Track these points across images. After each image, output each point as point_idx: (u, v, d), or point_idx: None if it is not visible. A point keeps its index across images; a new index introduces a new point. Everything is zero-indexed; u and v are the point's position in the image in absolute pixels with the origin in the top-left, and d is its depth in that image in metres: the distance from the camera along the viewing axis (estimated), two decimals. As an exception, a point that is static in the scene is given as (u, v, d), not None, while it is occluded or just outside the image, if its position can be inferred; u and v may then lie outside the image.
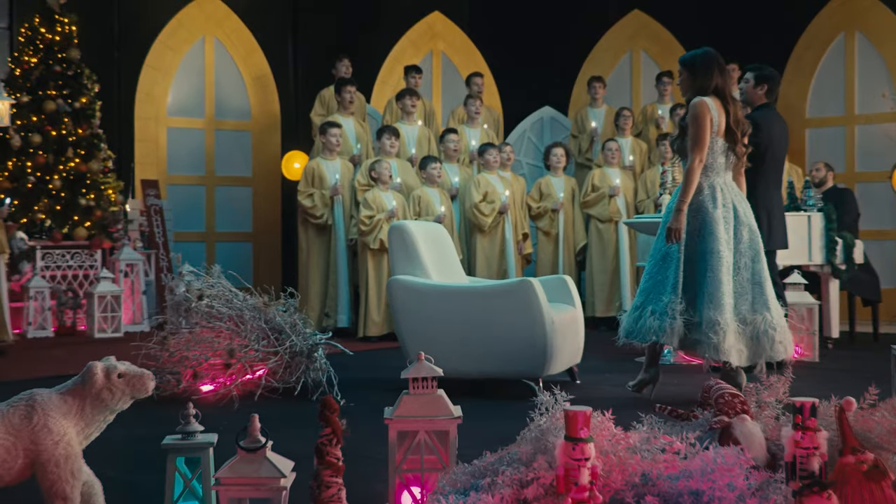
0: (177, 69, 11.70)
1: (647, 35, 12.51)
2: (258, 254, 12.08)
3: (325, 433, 2.60)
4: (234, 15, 12.00)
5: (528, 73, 12.77)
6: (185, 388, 5.83)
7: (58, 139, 10.28)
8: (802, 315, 7.66)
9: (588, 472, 2.53)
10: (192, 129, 11.81)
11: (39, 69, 10.35)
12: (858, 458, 2.75)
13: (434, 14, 12.66)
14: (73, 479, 3.07)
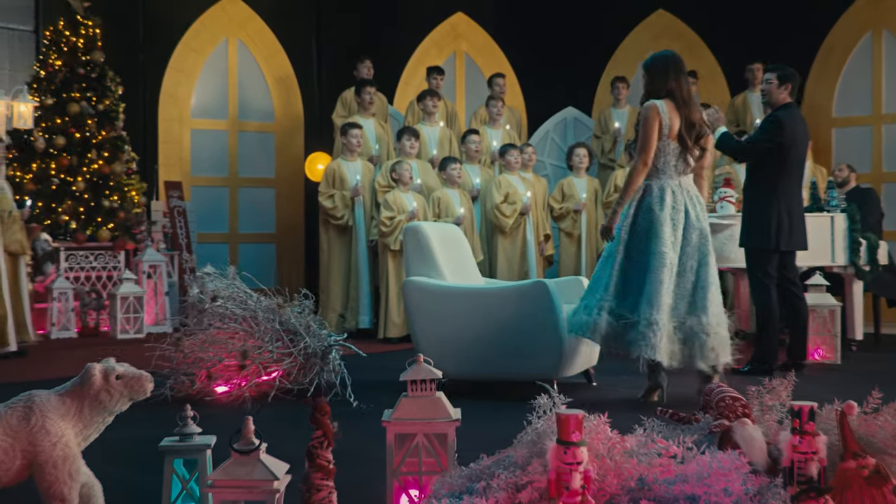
0: (200, 71, 11.76)
1: (671, 35, 12.42)
2: (281, 255, 12.11)
3: (317, 436, 2.58)
4: (258, 17, 12.04)
5: (552, 73, 12.72)
6: (200, 389, 5.85)
7: (82, 141, 10.36)
8: (824, 317, 7.58)
9: (580, 476, 2.50)
10: (215, 130, 11.86)
11: (64, 72, 10.44)
12: (860, 463, 2.70)
13: (457, 15, 12.64)
14: (71, 480, 3.07)
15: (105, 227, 10.29)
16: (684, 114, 5.63)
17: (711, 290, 5.55)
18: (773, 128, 6.98)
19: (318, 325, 6.17)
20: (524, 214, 9.89)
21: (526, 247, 9.96)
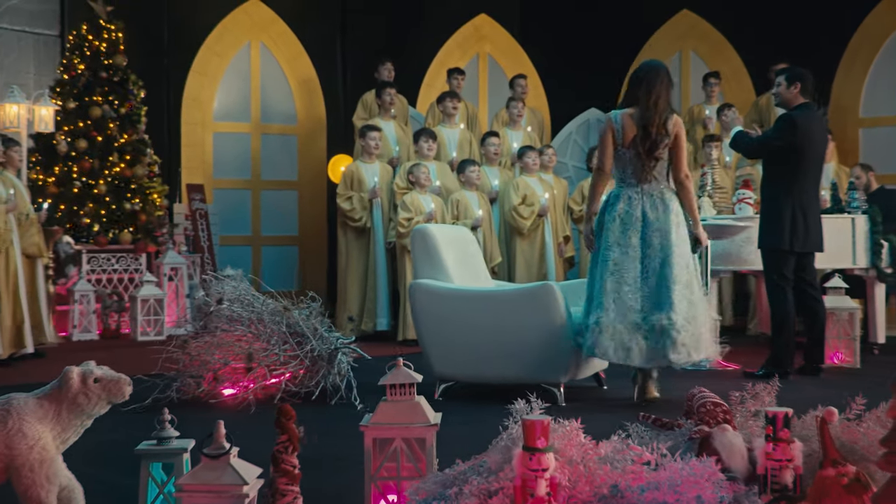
0: (223, 74, 11.80)
1: (696, 35, 12.31)
2: (304, 257, 12.12)
3: (282, 440, 2.56)
4: (280, 20, 12.06)
5: (575, 74, 12.63)
6: (206, 391, 5.85)
7: (103, 144, 10.42)
8: (844, 320, 7.46)
9: (546, 483, 2.46)
10: (237, 133, 11.89)
11: (86, 76, 10.51)
12: (839, 470, 2.64)
13: (480, 16, 12.59)
14: (49, 483, 3.07)
15: (127, 230, 10.35)
16: (642, 123, 5.67)
17: (676, 288, 5.58)
18: (785, 127, 6.91)
19: (326, 328, 6.17)
20: (542, 216, 9.83)
21: (544, 249, 9.90)
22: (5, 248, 7.79)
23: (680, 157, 5.79)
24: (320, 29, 12.92)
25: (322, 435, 4.60)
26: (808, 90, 7.01)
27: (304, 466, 4.16)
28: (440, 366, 6.03)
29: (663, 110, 5.73)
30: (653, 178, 5.74)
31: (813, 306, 7.01)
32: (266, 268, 11.98)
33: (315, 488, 3.81)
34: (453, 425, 3.39)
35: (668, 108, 5.80)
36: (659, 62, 6.14)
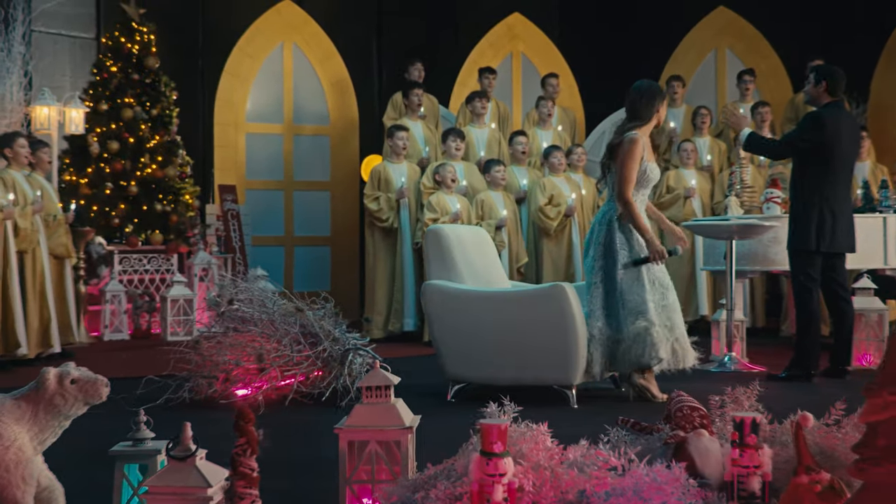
0: (255, 75, 11.85)
1: (732, 32, 12.15)
2: (336, 257, 12.15)
3: (240, 443, 2.54)
4: (313, 21, 12.09)
5: (610, 72, 12.53)
6: (219, 392, 5.86)
7: (135, 146, 10.52)
8: (873, 322, 7.31)
9: (503, 488, 2.42)
10: (270, 134, 11.94)
11: (118, 78, 10.62)
12: (812, 477, 2.56)
13: (514, 15, 12.52)
14: (25, 483, 3.07)
15: (158, 231, 10.44)
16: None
17: (610, 297, 5.76)
18: (811, 125, 6.77)
19: (340, 330, 6.15)
20: (569, 217, 9.75)
21: (571, 249, 9.83)
22: (32, 248, 7.88)
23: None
24: (355, 30, 12.96)
25: (325, 437, 4.58)
26: (836, 89, 6.84)
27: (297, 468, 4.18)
28: (453, 367, 6.00)
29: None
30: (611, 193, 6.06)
31: (842, 307, 6.87)
32: (298, 268, 12.02)
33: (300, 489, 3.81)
34: (464, 427, 3.39)
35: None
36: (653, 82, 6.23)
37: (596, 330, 5.69)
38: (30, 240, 7.83)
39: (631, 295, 5.69)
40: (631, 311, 5.65)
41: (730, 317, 7.38)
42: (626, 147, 5.75)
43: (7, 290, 7.45)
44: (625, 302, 5.69)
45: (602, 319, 5.72)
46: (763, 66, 11.84)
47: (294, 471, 4.12)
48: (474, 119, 10.51)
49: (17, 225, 7.68)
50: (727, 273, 7.40)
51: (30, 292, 7.82)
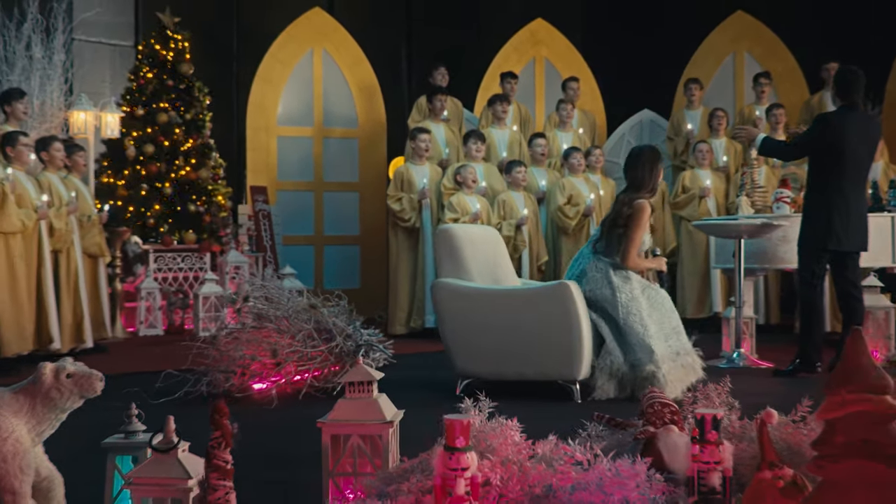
0: (287, 81, 11.88)
1: (750, 36, 12.00)
2: (365, 256, 12.16)
3: (215, 437, 2.53)
4: (342, 28, 12.11)
5: (631, 76, 12.49)
6: (237, 386, 5.87)
7: (170, 149, 10.61)
8: (879, 319, 7.21)
9: (465, 482, 2.39)
10: (301, 137, 11.97)
11: (154, 83, 10.70)
12: (775, 473, 2.51)
13: (537, 21, 12.46)
14: (22, 474, 3.09)
15: (191, 230, 10.51)
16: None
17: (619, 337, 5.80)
18: (817, 127, 6.70)
19: (354, 326, 6.15)
20: (587, 216, 9.70)
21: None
22: (66, 247, 7.96)
23: None
24: (384, 36, 13.01)
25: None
26: (845, 92, 6.74)
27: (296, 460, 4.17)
28: (461, 362, 5.98)
29: None
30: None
31: (853, 305, 6.76)
32: (328, 267, 12.05)
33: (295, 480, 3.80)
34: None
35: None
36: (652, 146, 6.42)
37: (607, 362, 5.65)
38: (64, 239, 7.91)
39: (637, 339, 5.66)
40: (639, 353, 5.61)
41: (738, 314, 7.31)
42: (638, 214, 5.87)
43: (41, 288, 7.52)
44: (635, 344, 5.66)
45: (619, 353, 5.67)
46: (780, 68, 11.69)
47: (292, 463, 4.12)
48: (496, 122, 10.50)
49: (52, 225, 7.76)
50: (736, 271, 7.33)
51: (64, 290, 7.90)
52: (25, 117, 8.21)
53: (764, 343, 7.95)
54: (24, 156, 7.51)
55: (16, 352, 7.04)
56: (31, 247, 7.47)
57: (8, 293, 7.06)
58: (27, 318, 7.26)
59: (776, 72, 11.54)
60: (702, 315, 9.94)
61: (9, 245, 7.12)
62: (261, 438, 4.63)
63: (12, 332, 7.06)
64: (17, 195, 7.27)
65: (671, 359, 5.60)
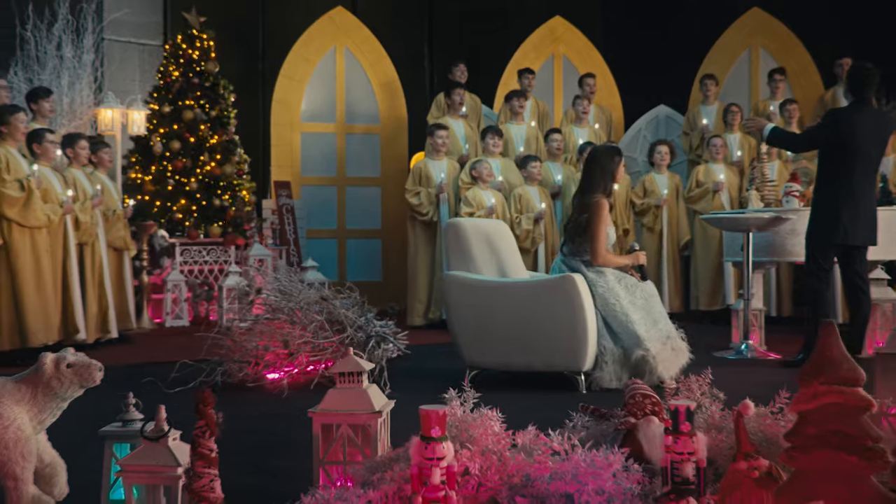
0: (310, 78, 11.89)
1: (765, 32, 11.88)
2: (387, 249, 12.15)
3: (200, 425, 2.54)
4: (364, 26, 12.10)
5: (648, 72, 12.41)
6: (251, 376, 5.89)
7: (196, 145, 10.65)
8: (886, 311, 7.12)
9: (440, 471, 2.38)
10: (324, 133, 11.97)
11: (180, 82, 10.75)
12: (751, 464, 2.49)
13: (555, 18, 12.40)
14: (24, 460, 3.12)
15: (216, 224, 10.55)
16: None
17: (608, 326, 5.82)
18: (828, 122, 6.66)
19: (366, 318, 6.14)
20: (602, 210, 9.64)
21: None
22: (91, 241, 8.02)
23: None
24: (406, 34, 13.01)
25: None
26: (857, 89, 6.66)
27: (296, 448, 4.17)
28: (470, 354, 5.96)
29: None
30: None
31: (859, 297, 6.70)
32: (351, 259, 12.06)
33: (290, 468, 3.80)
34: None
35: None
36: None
37: (603, 347, 5.65)
38: (89, 233, 7.97)
39: (621, 328, 5.65)
40: (626, 340, 5.60)
41: (747, 306, 7.24)
42: (596, 213, 5.90)
43: (67, 280, 7.58)
44: (619, 333, 5.67)
45: (609, 340, 5.67)
46: (795, 64, 11.57)
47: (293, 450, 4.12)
48: (513, 117, 10.47)
49: (78, 219, 7.81)
50: (744, 264, 7.26)
51: (89, 282, 7.95)
52: (52, 115, 8.28)
53: (775, 335, 7.87)
54: (51, 152, 7.56)
55: (42, 342, 7.09)
56: (57, 240, 7.52)
57: (34, 285, 7.12)
58: (53, 309, 7.31)
59: (791, 68, 11.43)
60: (715, 307, 9.87)
61: (35, 239, 7.17)
62: (267, 426, 4.65)
63: (38, 323, 7.12)
64: (43, 190, 7.33)
65: (660, 342, 5.57)
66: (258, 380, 5.87)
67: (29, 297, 7.06)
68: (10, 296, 7.01)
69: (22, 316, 7.03)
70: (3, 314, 6.97)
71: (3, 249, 7.00)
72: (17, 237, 7.05)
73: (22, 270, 7.05)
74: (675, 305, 10.06)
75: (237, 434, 4.53)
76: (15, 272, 7.02)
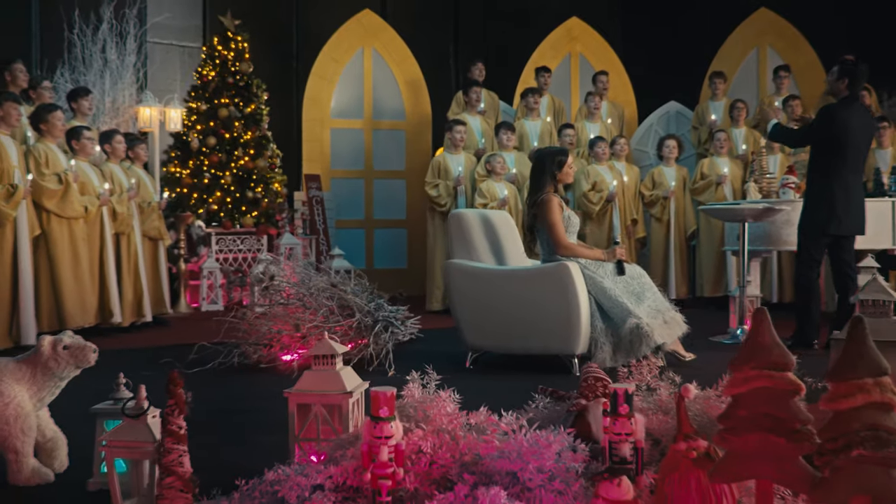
0: (339, 77, 11.91)
1: (773, 31, 11.71)
2: (412, 238, 12.16)
3: (170, 404, 2.56)
4: (390, 27, 12.10)
5: (660, 70, 12.29)
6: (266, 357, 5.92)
7: (230, 141, 10.71)
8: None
9: (388, 450, 2.38)
10: (352, 129, 11.99)
11: (216, 81, 10.81)
12: (690, 444, 2.46)
13: (572, 19, 12.33)
14: (24, 435, 3.16)
15: (249, 215, 10.61)
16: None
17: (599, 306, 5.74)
18: (823, 119, 6.58)
19: (377, 303, 6.15)
20: (610, 201, 9.59)
21: (612, 231, 9.67)
22: (127, 231, 8.10)
23: None
24: (433, 35, 13.01)
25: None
26: (856, 86, 6.62)
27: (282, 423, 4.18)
28: (471, 337, 5.95)
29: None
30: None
31: (847, 284, 6.64)
32: (378, 248, 12.09)
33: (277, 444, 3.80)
34: (479, 391, 3.48)
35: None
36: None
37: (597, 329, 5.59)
38: (125, 223, 8.05)
39: (610, 303, 5.59)
40: (617, 315, 5.54)
41: (742, 293, 7.16)
42: (544, 208, 5.80)
43: (104, 267, 7.67)
44: (608, 310, 5.60)
45: (601, 321, 5.61)
46: (801, 62, 11.40)
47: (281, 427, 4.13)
48: (528, 113, 10.42)
49: (115, 210, 7.90)
50: (740, 252, 7.18)
51: (125, 269, 8.04)
52: (90, 113, 8.36)
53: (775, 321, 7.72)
54: (88, 148, 7.65)
55: (79, 324, 7.19)
56: (95, 230, 7.61)
57: (71, 272, 7.21)
58: (89, 294, 7.40)
59: (797, 65, 11.27)
60: (718, 294, 9.77)
61: (72, 229, 7.26)
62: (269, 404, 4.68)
63: (75, 307, 7.21)
64: (80, 183, 7.42)
65: (651, 315, 5.52)
66: (272, 361, 5.90)
67: (66, 283, 7.15)
68: (49, 281, 7.10)
69: (60, 300, 7.12)
70: (43, 298, 7.07)
71: (43, 238, 7.10)
72: (56, 227, 7.15)
73: (60, 258, 7.14)
74: (681, 292, 9.98)
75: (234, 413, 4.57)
76: (53, 259, 7.12)
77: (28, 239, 6.90)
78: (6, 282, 6.75)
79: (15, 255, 6.81)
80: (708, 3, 12.43)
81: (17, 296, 6.81)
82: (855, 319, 2.28)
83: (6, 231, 6.76)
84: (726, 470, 2.35)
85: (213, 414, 4.43)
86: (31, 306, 6.88)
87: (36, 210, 7.03)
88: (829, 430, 2.24)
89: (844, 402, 2.23)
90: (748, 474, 2.32)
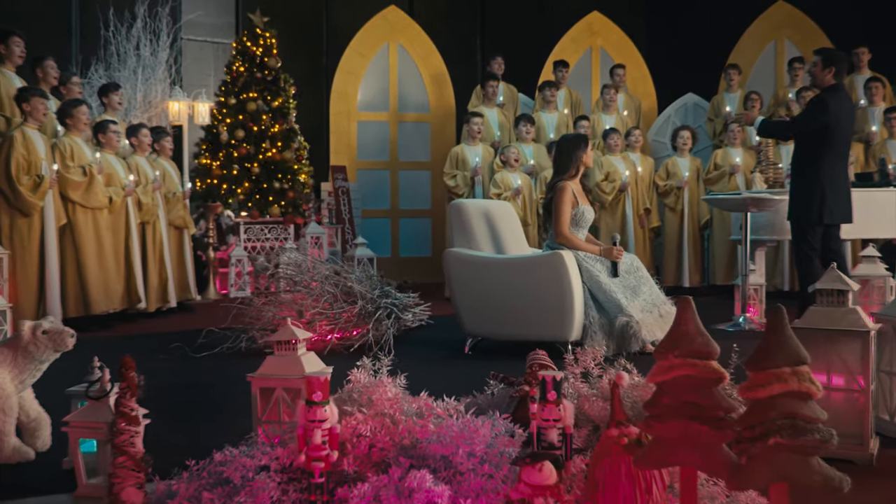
0: (365, 71, 11.92)
1: (790, 24, 11.50)
2: (435, 227, 12.14)
3: (122, 387, 2.58)
4: (415, 23, 12.07)
5: (681, 63, 12.13)
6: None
7: (258, 133, 10.76)
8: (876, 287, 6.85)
9: (321, 433, 2.37)
10: (378, 121, 11.99)
11: (244, 76, 10.87)
12: (622, 431, 2.42)
13: (593, 13, 12.21)
14: (5, 415, 3.21)
15: (276, 205, 10.67)
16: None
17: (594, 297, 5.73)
18: (819, 108, 6.41)
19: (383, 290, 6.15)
20: (622, 191, 9.50)
21: (625, 220, 9.59)
22: (153, 220, 8.18)
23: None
24: (457, 29, 12.95)
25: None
26: (840, 74, 6.46)
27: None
28: (469, 324, 5.94)
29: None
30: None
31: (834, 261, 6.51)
32: (403, 237, 12.09)
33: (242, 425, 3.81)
34: (474, 376, 3.49)
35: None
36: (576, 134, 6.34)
37: (591, 318, 5.56)
38: (151, 213, 8.14)
39: (604, 297, 5.57)
40: (610, 309, 5.52)
41: (744, 281, 7.06)
42: (558, 194, 5.81)
43: (129, 255, 7.76)
44: (603, 303, 5.58)
45: (595, 311, 5.59)
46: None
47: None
48: (545, 106, 10.34)
49: (140, 200, 7.98)
50: (742, 241, 7.07)
51: (150, 257, 8.13)
52: (120, 107, 8.45)
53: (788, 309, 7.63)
54: (114, 141, 7.74)
55: (103, 310, 7.29)
56: (120, 220, 7.70)
57: (95, 260, 7.30)
58: (114, 281, 7.49)
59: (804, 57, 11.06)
60: (730, 282, 9.62)
61: (96, 218, 7.35)
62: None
63: (100, 294, 7.30)
64: (106, 175, 7.51)
65: (644, 310, 5.47)
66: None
67: (91, 271, 7.24)
68: (75, 269, 7.20)
69: (85, 287, 7.22)
70: (69, 285, 7.17)
71: (68, 227, 7.19)
72: (81, 217, 7.24)
73: (85, 246, 7.23)
74: (694, 281, 9.87)
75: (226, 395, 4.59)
76: (78, 248, 7.21)
77: (55, 228, 7.00)
78: (34, 269, 6.86)
79: (42, 243, 6.91)
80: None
81: (43, 282, 6.92)
82: (774, 309, 2.24)
83: (34, 220, 6.86)
84: (651, 456, 2.31)
85: (205, 396, 4.47)
86: (56, 292, 6.98)
87: (62, 200, 7.12)
88: (747, 419, 2.20)
89: (762, 391, 2.19)
90: (672, 461, 2.29)
